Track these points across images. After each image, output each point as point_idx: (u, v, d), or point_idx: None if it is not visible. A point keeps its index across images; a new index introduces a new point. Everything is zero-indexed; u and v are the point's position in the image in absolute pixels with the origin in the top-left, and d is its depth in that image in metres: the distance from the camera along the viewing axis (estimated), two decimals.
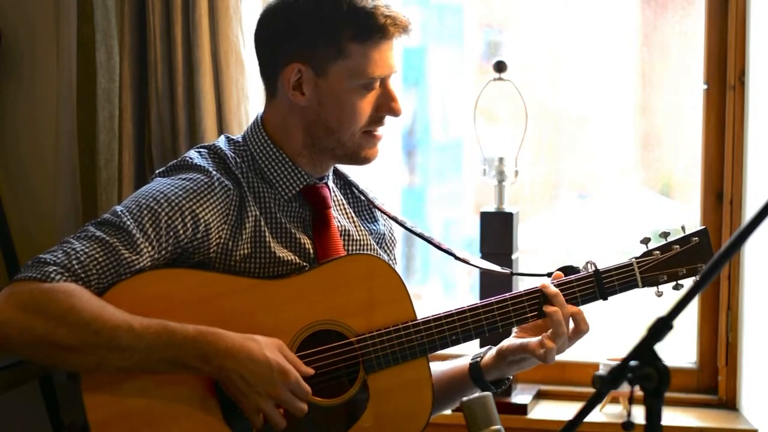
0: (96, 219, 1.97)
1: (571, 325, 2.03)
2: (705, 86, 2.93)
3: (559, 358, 2.06)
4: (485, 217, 2.88)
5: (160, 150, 2.84)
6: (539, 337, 2.02)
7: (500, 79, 2.90)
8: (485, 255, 2.82)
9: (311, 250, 2.06)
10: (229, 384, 1.90)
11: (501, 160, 2.90)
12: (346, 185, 2.23)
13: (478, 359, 2.11)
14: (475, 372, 2.11)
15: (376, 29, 2.00)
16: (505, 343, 2.09)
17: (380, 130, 2.08)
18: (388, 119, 2.08)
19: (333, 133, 2.04)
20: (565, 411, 2.93)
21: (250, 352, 1.88)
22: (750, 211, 2.82)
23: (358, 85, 2.02)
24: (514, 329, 2.11)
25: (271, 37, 2.07)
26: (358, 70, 2.01)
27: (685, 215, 3.15)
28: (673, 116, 3.20)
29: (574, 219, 3.37)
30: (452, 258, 2.22)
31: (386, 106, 2.05)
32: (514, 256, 2.85)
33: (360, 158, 2.08)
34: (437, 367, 2.16)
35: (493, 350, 2.11)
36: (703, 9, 2.93)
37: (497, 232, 2.85)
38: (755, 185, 2.82)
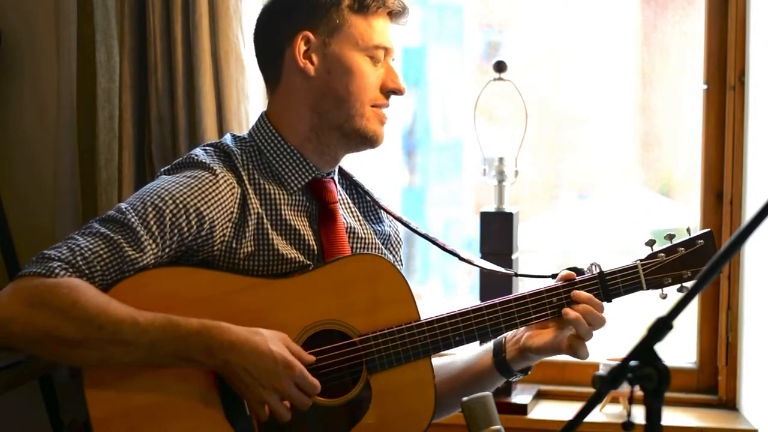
0: (101, 216, 1.98)
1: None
2: (705, 86, 2.93)
3: (558, 358, 2.06)
4: (485, 217, 2.88)
5: (160, 150, 2.84)
6: (567, 339, 2.02)
7: (500, 79, 2.90)
8: (485, 255, 2.82)
9: (315, 246, 2.07)
10: (234, 377, 1.90)
11: (501, 160, 2.90)
12: (351, 185, 2.23)
13: (503, 355, 2.11)
14: (502, 366, 2.11)
15: None
16: (532, 344, 2.06)
17: (386, 112, 2.10)
18: (393, 100, 2.10)
19: (342, 104, 2.06)
20: (565, 411, 2.93)
21: (255, 346, 1.88)
22: (750, 211, 2.82)
23: (365, 52, 2.06)
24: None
25: (276, 16, 2.10)
26: (363, 37, 2.05)
27: (685, 215, 3.15)
28: (673, 116, 3.20)
29: (574, 219, 3.37)
30: (453, 258, 2.22)
31: (390, 82, 2.08)
32: (514, 256, 2.85)
33: (369, 134, 2.08)
34: (455, 363, 2.17)
35: (516, 347, 2.10)
36: (703, 9, 2.93)
37: (497, 232, 2.85)
38: (755, 185, 2.82)
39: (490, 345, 2.15)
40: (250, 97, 2.81)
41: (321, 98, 2.07)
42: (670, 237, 2.10)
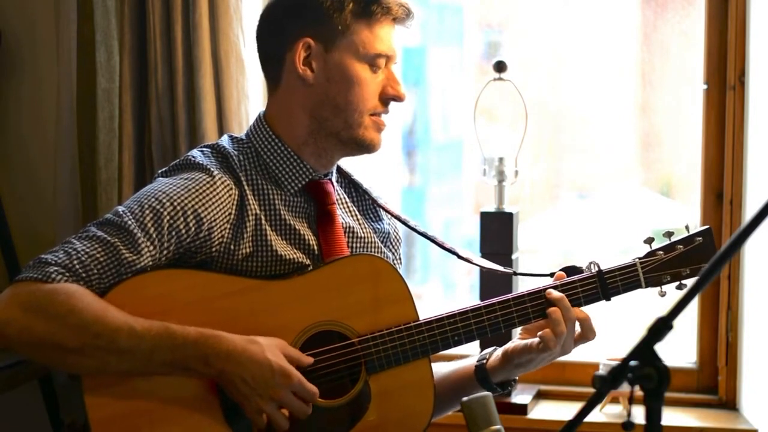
0: (98, 219, 1.97)
1: (578, 329, 2.04)
2: (705, 86, 2.93)
3: (558, 358, 2.06)
4: (485, 217, 2.88)
5: (160, 150, 2.84)
6: (538, 338, 2.03)
7: (500, 79, 2.90)
8: (485, 255, 2.81)
9: (315, 246, 2.06)
10: (231, 387, 1.89)
11: (501, 160, 2.90)
12: (350, 184, 2.23)
13: (484, 361, 2.11)
14: (481, 373, 2.11)
15: (378, 4, 2.03)
16: (510, 345, 2.08)
17: (385, 118, 2.09)
18: (392, 107, 2.09)
19: (341, 112, 2.05)
20: (565, 411, 2.93)
21: (252, 355, 1.88)
22: (750, 211, 2.82)
23: (365, 61, 2.04)
24: (518, 330, 2.11)
25: (278, 18, 2.09)
26: (365, 46, 2.03)
27: (685, 215, 3.15)
28: (673, 116, 3.20)
29: (574, 219, 3.37)
30: (453, 257, 2.22)
31: (391, 89, 2.07)
32: (514, 256, 2.85)
33: (366, 142, 2.07)
34: (441, 368, 2.16)
35: (499, 352, 2.10)
36: (703, 9, 2.93)
37: (497, 232, 2.85)
38: (755, 185, 2.82)
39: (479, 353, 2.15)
40: (250, 97, 2.81)
41: (319, 105, 2.06)
42: (669, 234, 2.09)
